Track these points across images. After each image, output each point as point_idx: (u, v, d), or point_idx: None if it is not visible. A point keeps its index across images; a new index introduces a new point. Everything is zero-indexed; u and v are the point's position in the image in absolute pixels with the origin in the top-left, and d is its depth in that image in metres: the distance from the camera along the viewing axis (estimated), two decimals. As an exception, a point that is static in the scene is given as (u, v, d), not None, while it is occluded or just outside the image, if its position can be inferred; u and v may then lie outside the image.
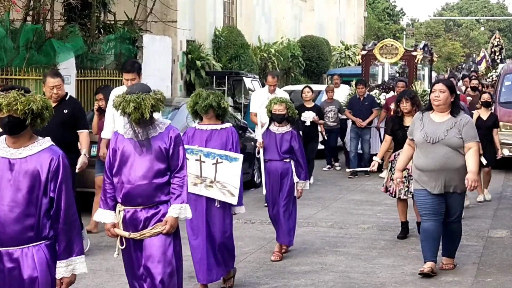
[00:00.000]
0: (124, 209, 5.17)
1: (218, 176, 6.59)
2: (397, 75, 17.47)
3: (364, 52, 16.56)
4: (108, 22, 16.54)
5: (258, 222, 10.04)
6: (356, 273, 7.59)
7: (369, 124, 14.87)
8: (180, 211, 5.12)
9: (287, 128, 8.13)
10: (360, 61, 16.88)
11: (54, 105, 7.34)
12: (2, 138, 4.19)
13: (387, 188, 9.18)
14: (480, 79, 21.50)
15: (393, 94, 14.98)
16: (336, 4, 35.85)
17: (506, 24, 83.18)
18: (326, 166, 15.98)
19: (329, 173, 15.53)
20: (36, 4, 13.18)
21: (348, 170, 14.87)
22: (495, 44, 30.00)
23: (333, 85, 16.66)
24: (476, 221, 10.26)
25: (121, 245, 5.22)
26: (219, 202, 6.64)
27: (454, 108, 7.27)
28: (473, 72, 27.77)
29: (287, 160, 8.08)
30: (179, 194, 5.12)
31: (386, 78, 16.87)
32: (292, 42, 27.75)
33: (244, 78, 19.82)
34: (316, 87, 17.41)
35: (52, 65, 12.62)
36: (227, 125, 6.80)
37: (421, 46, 16.98)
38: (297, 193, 8.11)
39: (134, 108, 5.00)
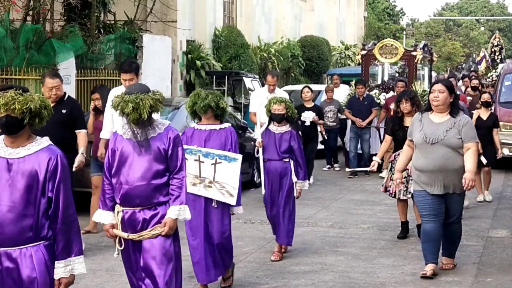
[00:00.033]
0: (123, 210, 5.14)
1: (217, 177, 6.58)
2: (397, 75, 17.46)
3: (364, 52, 16.54)
4: (108, 22, 16.53)
5: (258, 222, 10.03)
6: (356, 273, 7.59)
7: (368, 124, 14.86)
8: (179, 212, 5.10)
9: (286, 127, 8.12)
10: (360, 61, 16.85)
11: (52, 105, 7.33)
12: (0, 138, 4.18)
13: (386, 188, 9.17)
14: (480, 79, 21.48)
15: (393, 94, 14.97)
16: (336, 4, 35.86)
17: (506, 24, 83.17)
18: (326, 166, 15.98)
19: (329, 173, 15.52)
20: (36, 4, 13.17)
21: (348, 170, 14.87)
22: (495, 44, 29.96)
23: (332, 85, 16.67)
24: (476, 221, 10.25)
25: (120, 246, 5.20)
26: (216, 203, 6.63)
27: (453, 108, 7.26)
28: (473, 72, 27.75)
29: (286, 160, 8.07)
30: (178, 195, 5.10)
31: (386, 78, 16.85)
32: (292, 42, 27.75)
33: (244, 78, 19.81)
34: (315, 87, 17.41)
35: (52, 65, 12.63)
36: (226, 125, 6.79)
37: (421, 46, 16.96)
38: (296, 193, 8.10)
39: (133, 109, 4.97)
